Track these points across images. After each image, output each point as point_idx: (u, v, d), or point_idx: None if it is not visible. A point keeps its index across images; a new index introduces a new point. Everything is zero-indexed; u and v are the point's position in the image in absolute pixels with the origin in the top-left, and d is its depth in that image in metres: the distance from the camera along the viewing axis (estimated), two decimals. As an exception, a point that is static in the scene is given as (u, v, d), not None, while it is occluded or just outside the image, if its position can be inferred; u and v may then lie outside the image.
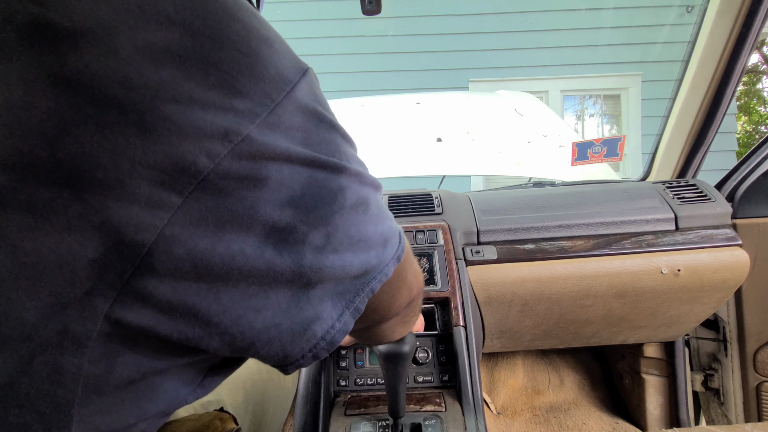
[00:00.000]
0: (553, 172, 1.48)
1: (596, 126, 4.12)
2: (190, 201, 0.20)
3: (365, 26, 3.68)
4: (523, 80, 3.75)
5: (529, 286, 0.94)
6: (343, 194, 0.26)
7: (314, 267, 0.25)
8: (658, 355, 1.25)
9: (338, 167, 0.26)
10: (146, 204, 0.19)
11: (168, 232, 0.20)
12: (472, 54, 3.74)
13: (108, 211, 0.19)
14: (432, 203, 1.04)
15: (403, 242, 0.33)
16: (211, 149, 0.20)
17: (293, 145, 0.23)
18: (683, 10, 3.63)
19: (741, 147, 5.45)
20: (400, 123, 1.67)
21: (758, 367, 1.05)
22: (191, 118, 0.20)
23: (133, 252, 0.20)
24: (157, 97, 0.19)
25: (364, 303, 0.30)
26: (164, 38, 0.19)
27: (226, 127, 0.21)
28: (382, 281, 0.30)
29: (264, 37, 0.23)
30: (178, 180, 0.20)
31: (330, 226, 0.25)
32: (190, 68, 0.20)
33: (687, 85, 1.04)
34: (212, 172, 0.20)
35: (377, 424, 0.69)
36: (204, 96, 0.20)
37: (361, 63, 3.75)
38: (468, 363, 0.80)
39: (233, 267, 0.22)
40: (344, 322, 0.29)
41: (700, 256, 0.92)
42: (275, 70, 0.23)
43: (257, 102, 0.22)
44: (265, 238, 0.23)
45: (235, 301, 0.24)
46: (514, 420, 1.36)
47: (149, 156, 0.19)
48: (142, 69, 0.19)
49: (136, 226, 0.19)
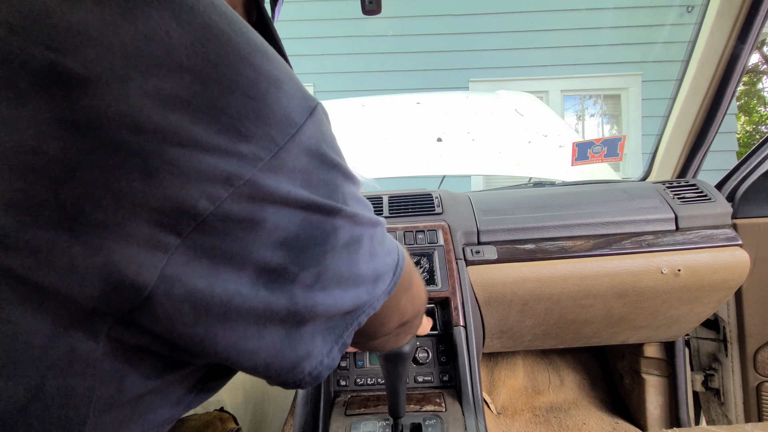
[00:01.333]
0: (553, 172, 1.48)
1: (596, 126, 4.12)
2: (187, 242, 0.21)
3: (365, 26, 3.67)
4: (523, 80, 3.75)
5: (529, 286, 0.94)
6: (336, 235, 0.26)
7: (307, 305, 0.26)
8: (659, 355, 1.25)
9: (334, 210, 0.26)
10: (146, 245, 0.20)
11: (168, 272, 0.20)
12: (472, 54, 3.74)
13: (109, 252, 0.19)
14: (432, 203, 1.04)
15: (398, 275, 0.33)
16: (212, 193, 0.21)
17: (293, 188, 0.24)
18: (683, 10, 3.63)
19: (741, 147, 5.45)
20: (400, 123, 1.67)
21: (758, 367, 1.05)
22: (195, 162, 0.20)
23: (134, 293, 0.20)
24: (164, 141, 0.19)
25: (351, 336, 0.30)
26: (175, 85, 0.19)
27: (229, 172, 0.21)
28: (369, 314, 0.31)
29: (273, 78, 0.23)
30: (178, 222, 0.20)
31: (321, 267, 0.26)
32: (197, 113, 0.20)
33: (687, 85, 1.04)
34: (212, 214, 0.21)
35: (377, 424, 0.69)
36: (210, 140, 0.20)
37: (361, 63, 3.75)
38: (468, 363, 0.80)
39: (231, 307, 0.23)
40: (332, 357, 0.29)
41: (700, 256, 0.92)
42: (282, 113, 0.23)
43: (261, 146, 0.22)
44: (256, 278, 0.23)
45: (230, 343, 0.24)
46: (514, 420, 1.36)
47: (151, 199, 0.19)
48: (151, 114, 0.19)
49: (137, 267, 0.20)
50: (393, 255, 0.33)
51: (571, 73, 3.77)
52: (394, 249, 0.34)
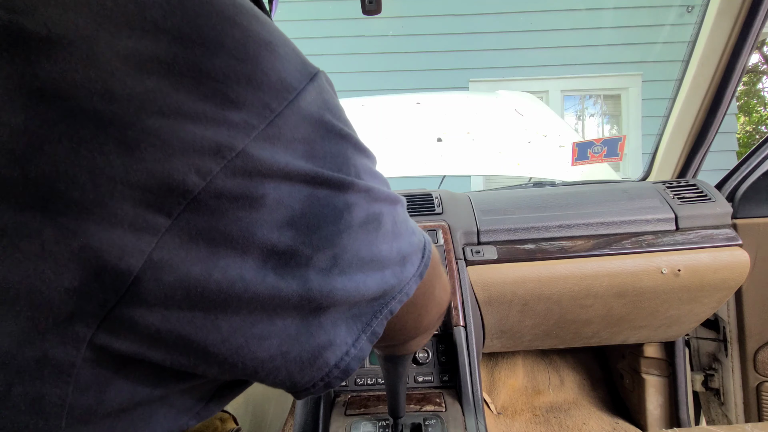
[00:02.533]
0: (553, 172, 1.48)
1: (596, 126, 4.12)
2: (179, 222, 0.19)
3: (365, 26, 3.68)
4: (523, 80, 3.75)
5: (529, 286, 0.94)
6: (350, 212, 0.24)
7: (323, 290, 0.23)
8: (659, 355, 1.25)
9: (344, 183, 0.23)
10: (130, 227, 0.18)
11: (156, 256, 0.19)
12: (472, 54, 3.74)
13: (87, 235, 0.17)
14: (432, 203, 1.04)
15: (428, 257, 0.30)
16: (201, 166, 0.19)
17: (294, 160, 0.21)
18: (683, 10, 3.63)
19: (741, 147, 5.45)
20: (400, 123, 1.67)
21: (758, 367, 1.05)
22: (179, 132, 0.18)
23: (117, 280, 0.18)
24: (142, 109, 0.17)
25: (382, 326, 0.27)
26: (151, 46, 0.18)
27: (218, 142, 0.19)
28: (402, 301, 0.28)
29: (265, 41, 0.21)
30: (166, 200, 0.18)
31: (337, 248, 0.23)
32: (179, 77, 0.18)
33: (687, 85, 1.04)
34: (203, 191, 0.19)
35: (377, 424, 0.69)
36: (194, 107, 0.18)
37: (361, 63, 3.75)
38: (468, 363, 0.80)
39: (232, 294, 0.21)
40: (360, 347, 0.26)
41: (700, 256, 0.92)
42: (277, 77, 0.21)
43: (254, 113, 0.20)
44: (263, 262, 0.21)
45: (235, 329, 0.22)
46: (514, 420, 1.36)
47: (132, 175, 0.17)
48: (125, 79, 0.17)
49: (120, 252, 0.18)
50: (418, 235, 0.31)
51: (571, 73, 3.77)
52: (418, 229, 0.31)
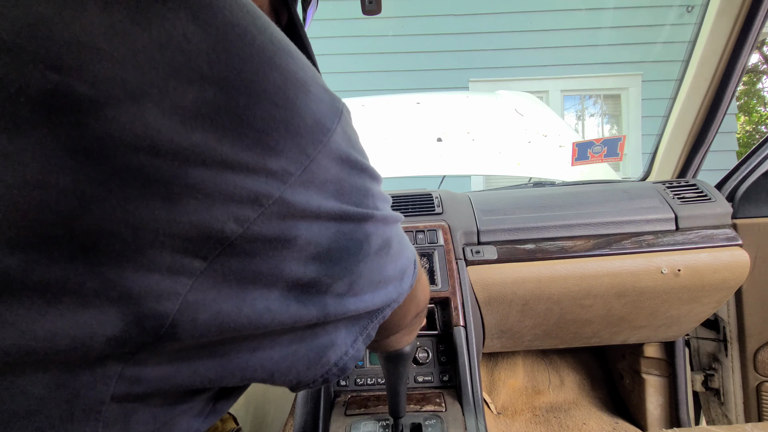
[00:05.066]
0: (553, 172, 1.48)
1: (596, 126, 4.12)
2: (214, 265, 0.19)
3: (365, 26, 3.67)
4: (523, 80, 3.75)
5: (529, 286, 0.94)
6: (369, 242, 0.25)
7: (338, 312, 0.25)
8: (659, 355, 1.25)
9: (366, 217, 0.25)
10: (168, 271, 0.18)
11: (191, 298, 0.19)
12: (472, 54, 3.74)
13: (126, 282, 0.17)
14: (432, 203, 1.04)
15: (416, 267, 0.32)
16: (240, 215, 0.19)
17: (325, 201, 0.22)
18: (683, 10, 3.63)
19: (741, 147, 5.45)
20: (400, 123, 1.67)
21: (758, 367, 1.05)
22: (221, 183, 0.18)
23: (156, 323, 0.18)
24: (187, 162, 0.17)
25: (375, 329, 0.30)
26: (196, 98, 0.17)
27: (257, 191, 0.19)
28: (393, 308, 0.30)
29: (301, 82, 0.21)
30: (203, 246, 0.19)
31: (354, 275, 0.25)
32: (222, 129, 0.18)
33: (687, 85, 1.04)
34: (240, 237, 0.19)
35: (377, 424, 0.69)
36: (236, 158, 0.18)
37: (361, 63, 3.75)
38: (468, 363, 0.80)
39: (260, 325, 0.22)
40: (357, 348, 0.29)
41: (700, 256, 0.92)
42: (312, 120, 0.21)
43: (292, 160, 0.20)
44: (287, 292, 0.22)
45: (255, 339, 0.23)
46: (514, 420, 1.36)
47: (174, 226, 0.18)
48: (171, 134, 0.17)
49: (157, 296, 0.18)
50: (410, 247, 0.33)
51: (571, 73, 3.77)
52: (408, 242, 0.33)
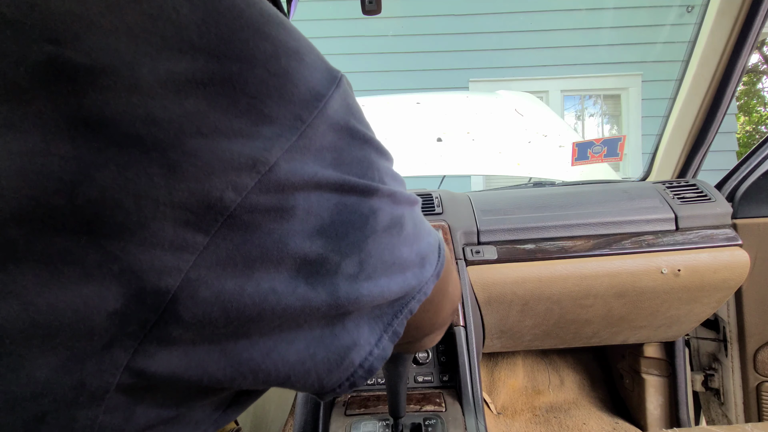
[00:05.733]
0: (553, 172, 1.48)
1: (596, 126, 4.12)
2: (216, 240, 0.19)
3: (365, 26, 3.68)
4: (523, 80, 3.75)
5: (529, 286, 0.94)
6: (375, 217, 0.24)
7: (351, 297, 0.24)
8: (659, 355, 1.25)
9: (370, 189, 0.24)
10: (170, 246, 0.18)
11: (193, 275, 0.19)
12: (472, 54, 3.74)
13: (128, 257, 0.18)
14: (432, 203, 1.04)
15: (443, 256, 0.31)
16: (238, 182, 0.19)
17: (322, 169, 0.22)
18: (683, 10, 3.63)
19: (741, 147, 5.45)
20: (400, 123, 1.67)
21: (758, 367, 1.05)
22: (217, 150, 0.18)
23: (156, 300, 0.18)
24: (182, 131, 0.18)
25: (403, 325, 0.28)
26: (188, 67, 0.18)
27: (253, 157, 0.19)
28: (421, 300, 0.28)
29: (293, 50, 0.21)
30: (204, 218, 0.19)
31: (363, 253, 0.24)
32: (215, 96, 0.19)
33: (687, 85, 1.04)
34: (239, 206, 0.19)
35: (377, 424, 0.69)
36: (230, 125, 0.19)
37: (361, 63, 3.75)
38: (468, 363, 0.80)
39: (265, 307, 0.21)
40: (383, 347, 0.27)
41: (700, 256, 0.92)
42: (306, 87, 0.21)
43: (287, 126, 0.20)
44: (296, 273, 0.22)
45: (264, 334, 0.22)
46: (514, 420, 1.36)
47: (174, 195, 0.18)
48: (166, 102, 0.17)
49: (159, 272, 0.18)
50: (434, 235, 0.31)
51: (571, 73, 3.77)
52: (432, 229, 0.32)
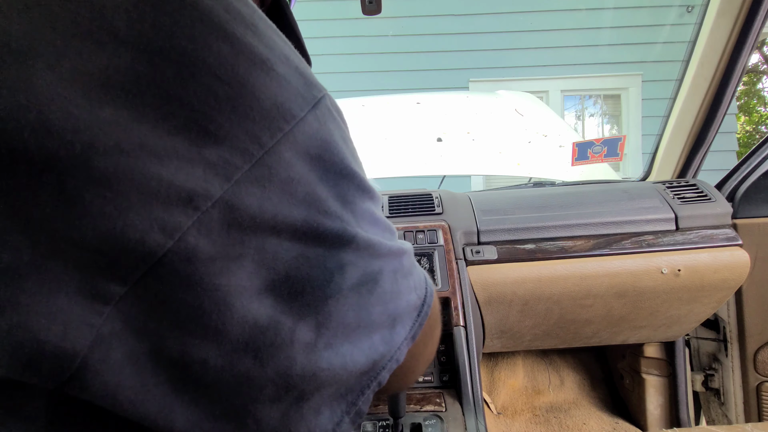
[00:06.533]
0: (554, 172, 1.48)
1: (596, 126, 4.12)
2: (137, 290, 0.15)
3: (365, 26, 3.67)
4: (523, 80, 3.75)
5: (529, 286, 0.94)
6: (342, 273, 0.19)
7: (307, 374, 0.19)
8: (659, 355, 1.25)
9: (342, 238, 0.19)
10: (75, 294, 0.14)
11: (106, 330, 0.15)
12: (472, 54, 3.74)
13: (18, 309, 0.14)
14: (432, 203, 1.04)
15: (425, 314, 0.25)
16: (167, 221, 0.14)
17: (285, 208, 0.17)
18: (683, 10, 3.63)
19: (741, 147, 5.45)
20: (400, 123, 1.67)
21: (758, 367, 1.05)
22: (139, 175, 0.14)
23: (59, 364, 0.14)
24: (91, 147, 0.13)
25: (368, 402, 0.23)
26: (107, 65, 0.14)
27: (189, 189, 0.15)
28: (392, 369, 0.23)
29: (260, 57, 0.17)
30: (119, 264, 0.14)
31: (320, 315, 0.19)
32: (143, 106, 0.14)
33: (687, 85, 1.04)
34: (170, 252, 0.15)
35: (377, 424, 0.69)
36: (161, 143, 0.14)
37: (361, 63, 3.75)
38: (468, 363, 0.80)
39: (189, 379, 0.16)
40: (342, 430, 0.22)
41: (700, 256, 0.92)
42: (271, 102, 0.17)
43: (238, 149, 0.16)
44: (236, 342, 0.17)
45: (194, 423, 0.17)
46: (514, 420, 1.36)
47: (74, 232, 0.14)
48: (69, 107, 0.13)
49: (63, 327, 0.14)
50: (420, 290, 0.25)
51: (571, 73, 3.77)
52: (421, 283, 0.26)
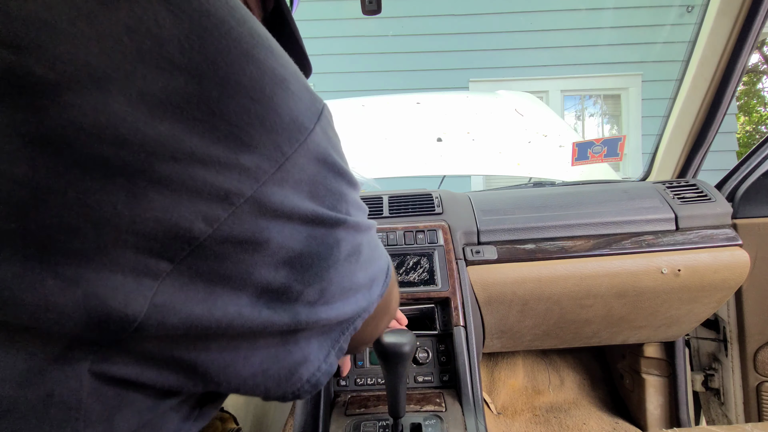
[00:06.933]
0: (553, 172, 1.48)
1: (596, 126, 4.12)
2: (181, 267, 0.18)
3: (365, 26, 3.67)
4: (523, 80, 3.75)
5: (529, 286, 0.94)
6: (339, 247, 0.25)
7: (310, 320, 0.24)
8: (659, 355, 1.25)
9: (338, 222, 0.24)
10: (131, 272, 0.17)
11: (159, 300, 0.18)
12: (472, 54, 3.74)
13: (88, 283, 0.17)
14: (432, 203, 1.04)
15: (389, 276, 0.32)
16: (209, 214, 0.18)
17: (298, 201, 0.21)
18: (683, 10, 3.63)
19: (741, 147, 5.45)
20: (400, 123, 1.67)
21: (758, 367, 1.05)
22: (189, 178, 0.17)
23: (121, 326, 0.18)
24: (154, 155, 0.16)
25: (347, 341, 0.29)
26: (165, 87, 0.16)
27: (227, 189, 0.18)
28: (364, 318, 0.29)
29: (280, 78, 0.20)
30: (170, 247, 0.18)
31: (324, 282, 0.24)
32: (192, 120, 0.17)
33: (687, 85, 1.04)
34: (209, 237, 0.18)
35: (377, 424, 0.69)
36: (207, 152, 0.18)
37: (361, 63, 3.75)
38: (468, 363, 0.80)
39: (230, 328, 0.21)
40: (330, 363, 0.28)
41: (700, 256, 0.92)
42: (289, 117, 0.20)
43: (266, 156, 0.19)
44: (257, 298, 0.22)
45: (223, 350, 0.22)
46: (514, 420, 1.36)
47: (138, 224, 0.17)
48: (137, 124, 0.16)
49: (124, 297, 0.17)
50: (384, 257, 0.32)
51: (571, 73, 3.77)
52: (384, 253, 0.33)
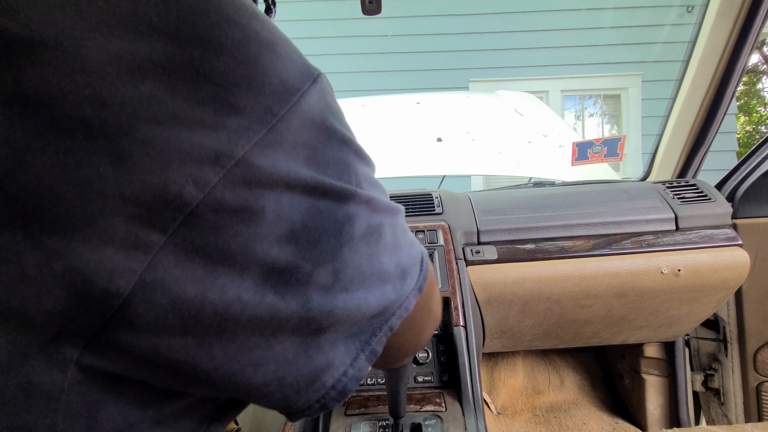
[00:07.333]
0: (553, 172, 1.48)
1: (596, 126, 4.12)
2: (175, 239, 0.17)
3: (365, 26, 3.67)
4: (523, 80, 3.75)
5: (529, 286, 0.94)
6: (351, 224, 0.23)
7: (324, 310, 0.22)
8: (659, 355, 1.25)
9: (345, 193, 0.22)
10: (121, 245, 0.16)
11: (148, 277, 0.17)
12: (472, 54, 3.74)
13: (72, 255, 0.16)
14: (432, 203, 1.04)
15: (426, 269, 0.29)
16: (199, 177, 0.17)
17: (295, 168, 0.20)
18: (683, 10, 3.63)
19: (741, 147, 5.45)
20: (400, 123, 1.67)
21: (758, 367, 1.05)
22: (176, 140, 0.17)
23: (104, 304, 0.17)
24: (135, 116, 0.16)
25: (381, 343, 0.26)
26: (145, 48, 0.16)
27: (217, 150, 0.18)
28: (402, 317, 0.26)
29: (265, 41, 0.20)
30: (161, 215, 0.17)
31: (338, 262, 0.22)
32: (175, 81, 0.17)
33: (687, 85, 1.04)
34: (201, 203, 0.17)
35: (377, 424, 0.69)
36: (192, 114, 0.17)
37: (361, 63, 3.75)
38: (468, 363, 0.80)
39: (228, 317, 0.19)
40: (358, 367, 0.25)
41: (700, 256, 0.92)
42: (278, 79, 0.20)
43: (255, 118, 0.19)
44: (263, 281, 0.20)
45: (230, 356, 0.20)
46: (514, 420, 1.36)
47: (124, 188, 0.16)
48: (117, 84, 0.16)
49: (109, 273, 0.16)
50: (417, 247, 0.29)
51: (571, 73, 3.77)
52: (416, 241, 0.30)
